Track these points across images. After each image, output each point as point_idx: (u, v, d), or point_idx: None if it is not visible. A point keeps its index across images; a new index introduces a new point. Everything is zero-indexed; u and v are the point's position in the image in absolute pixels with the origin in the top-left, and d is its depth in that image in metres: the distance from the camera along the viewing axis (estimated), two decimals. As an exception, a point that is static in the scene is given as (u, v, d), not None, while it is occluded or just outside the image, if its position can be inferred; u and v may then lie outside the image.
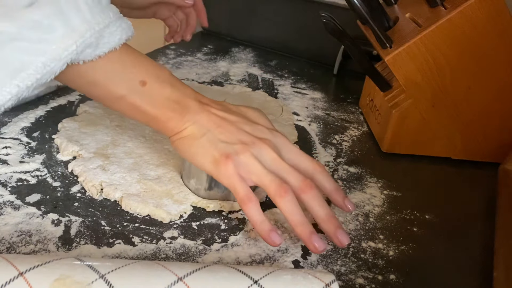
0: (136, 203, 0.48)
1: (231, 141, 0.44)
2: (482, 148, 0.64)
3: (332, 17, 0.61)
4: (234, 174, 0.43)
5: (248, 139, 0.45)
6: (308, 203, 0.44)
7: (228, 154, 0.43)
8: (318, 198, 0.44)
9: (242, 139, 0.45)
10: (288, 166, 0.45)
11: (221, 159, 0.43)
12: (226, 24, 1.04)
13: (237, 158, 0.43)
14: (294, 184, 0.44)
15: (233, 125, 0.46)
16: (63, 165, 0.53)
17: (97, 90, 0.44)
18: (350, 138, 0.68)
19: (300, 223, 0.43)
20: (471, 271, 0.46)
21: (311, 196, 0.44)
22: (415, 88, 0.60)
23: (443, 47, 0.58)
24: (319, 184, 0.47)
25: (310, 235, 0.43)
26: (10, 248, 0.41)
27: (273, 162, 0.45)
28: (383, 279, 0.43)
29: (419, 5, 0.63)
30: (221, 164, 0.43)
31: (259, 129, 0.47)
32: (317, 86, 0.84)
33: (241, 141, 0.45)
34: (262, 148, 0.45)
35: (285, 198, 0.43)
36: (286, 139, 0.48)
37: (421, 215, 0.53)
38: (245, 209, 0.43)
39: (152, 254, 0.43)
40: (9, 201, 0.46)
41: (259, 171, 0.43)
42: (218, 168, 0.44)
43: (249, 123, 0.47)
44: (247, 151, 0.44)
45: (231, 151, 0.44)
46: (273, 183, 0.43)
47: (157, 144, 0.58)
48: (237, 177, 0.43)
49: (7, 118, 0.60)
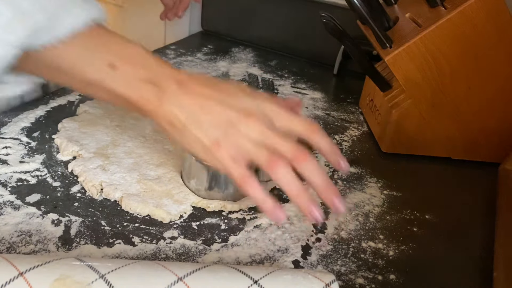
0: (136, 203, 0.48)
1: (218, 124, 0.43)
2: (482, 148, 0.64)
3: (332, 17, 0.61)
4: (227, 158, 0.42)
5: (234, 117, 0.43)
6: (303, 172, 0.42)
7: (218, 141, 0.42)
8: (313, 166, 0.43)
9: (228, 118, 0.43)
10: (278, 135, 0.43)
11: (212, 147, 0.42)
12: (226, 24, 1.04)
13: (227, 141, 0.42)
14: (287, 154, 0.42)
15: (217, 103, 0.44)
16: (63, 165, 0.53)
17: (65, 77, 0.43)
18: (350, 138, 0.68)
19: (297, 194, 0.41)
20: (471, 271, 0.46)
21: (305, 164, 0.42)
22: (415, 88, 0.60)
23: (443, 47, 0.58)
24: (315, 145, 0.45)
25: (308, 206, 0.41)
26: (10, 248, 0.41)
27: (262, 136, 0.43)
28: (383, 279, 0.43)
29: (419, 5, 0.63)
30: (213, 151, 0.43)
31: (243, 102, 0.44)
32: (317, 86, 0.84)
33: (228, 121, 0.43)
34: (249, 124, 0.43)
35: (277, 170, 0.41)
36: (274, 105, 0.45)
37: (421, 215, 0.53)
38: (244, 190, 0.42)
39: (152, 254, 0.43)
40: (9, 201, 0.46)
41: (249, 148, 0.42)
42: (210, 156, 0.43)
43: (233, 97, 0.45)
44: (235, 132, 0.43)
45: (220, 136, 0.43)
46: (263, 157, 0.42)
47: (157, 144, 0.58)
48: (231, 160, 0.42)
49: (7, 118, 0.60)
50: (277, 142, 0.43)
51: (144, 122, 0.63)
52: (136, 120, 0.63)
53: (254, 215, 0.49)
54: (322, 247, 0.46)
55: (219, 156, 0.42)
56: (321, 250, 0.46)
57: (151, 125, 0.62)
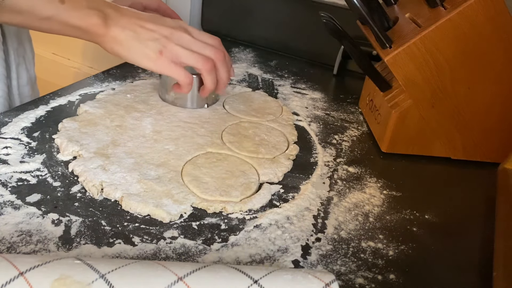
0: (136, 203, 0.48)
1: (155, 38, 0.55)
2: (482, 148, 0.64)
3: (332, 17, 0.61)
4: (170, 63, 0.56)
5: (167, 32, 0.56)
6: (219, 68, 0.60)
7: (159, 50, 0.55)
8: (226, 64, 0.61)
9: (162, 33, 0.56)
10: (201, 43, 0.58)
11: (155, 55, 0.55)
12: (226, 24, 1.04)
13: (166, 50, 0.55)
14: (211, 55, 0.58)
15: (150, 22, 0.56)
16: (63, 165, 0.53)
17: (24, 17, 0.52)
18: (349, 138, 0.68)
19: (214, 84, 0.61)
20: (471, 271, 0.46)
21: (222, 62, 0.60)
22: (415, 88, 0.60)
23: (443, 47, 0.58)
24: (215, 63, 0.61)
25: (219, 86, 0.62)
26: (11, 248, 0.41)
27: (191, 43, 0.57)
28: (382, 278, 0.43)
29: (419, 5, 0.63)
30: (156, 59, 0.55)
31: (167, 20, 0.58)
32: (317, 86, 0.84)
33: (163, 35, 0.56)
34: (179, 35, 0.57)
35: (210, 73, 0.59)
36: (187, 25, 0.60)
37: (421, 215, 0.53)
38: (184, 90, 0.59)
39: (152, 254, 0.43)
40: (9, 201, 0.47)
41: (185, 54, 0.56)
42: (155, 63, 0.55)
43: (161, 18, 0.58)
44: (171, 42, 0.56)
45: (160, 46, 0.55)
46: (199, 61, 0.57)
47: (157, 144, 0.58)
48: (173, 65, 0.56)
49: (7, 118, 0.60)
50: (202, 47, 0.58)
51: (144, 122, 0.63)
52: (136, 120, 0.63)
53: (254, 215, 0.49)
54: (322, 247, 0.46)
55: (163, 63, 0.55)
56: (321, 250, 0.46)
57: (151, 125, 0.62)
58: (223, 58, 0.60)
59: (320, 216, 0.50)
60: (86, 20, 0.53)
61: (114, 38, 0.55)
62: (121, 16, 0.55)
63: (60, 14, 0.52)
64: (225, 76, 0.61)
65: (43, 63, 1.29)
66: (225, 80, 0.62)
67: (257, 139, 0.62)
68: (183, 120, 0.65)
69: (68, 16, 0.53)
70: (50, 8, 0.52)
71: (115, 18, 0.55)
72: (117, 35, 0.54)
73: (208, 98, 0.69)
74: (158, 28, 0.56)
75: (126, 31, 0.55)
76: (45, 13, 0.52)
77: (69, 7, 0.52)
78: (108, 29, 0.54)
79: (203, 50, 0.58)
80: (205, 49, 0.58)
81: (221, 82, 0.62)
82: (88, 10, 0.53)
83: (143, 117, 0.64)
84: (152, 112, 0.66)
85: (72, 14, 0.53)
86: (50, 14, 0.52)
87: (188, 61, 0.57)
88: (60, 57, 1.28)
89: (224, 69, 0.61)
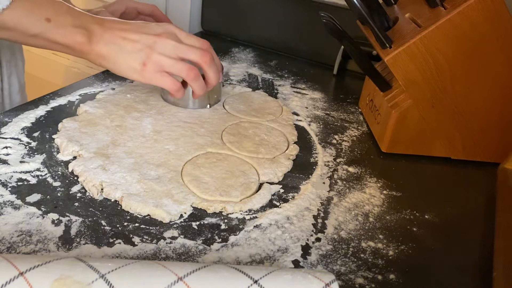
0: (136, 203, 0.48)
1: (139, 49, 0.56)
2: (482, 148, 0.64)
3: (332, 17, 0.61)
4: (155, 74, 0.56)
5: (150, 40, 0.56)
6: (207, 71, 0.59)
7: (143, 62, 0.55)
8: (213, 66, 0.60)
9: (146, 42, 0.56)
10: (187, 46, 0.58)
11: (140, 67, 0.55)
12: (226, 24, 1.04)
13: (149, 61, 0.56)
14: (196, 59, 0.58)
15: (133, 33, 0.56)
16: (63, 165, 0.53)
17: (11, 33, 0.53)
18: (349, 138, 0.68)
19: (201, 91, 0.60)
20: (471, 271, 0.46)
21: (209, 65, 0.59)
22: (415, 88, 0.60)
23: (443, 47, 0.58)
24: None
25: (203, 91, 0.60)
26: (10, 248, 0.41)
27: (176, 49, 0.57)
28: (382, 278, 0.43)
29: (419, 5, 0.63)
30: (142, 71, 0.56)
31: (153, 27, 0.58)
32: (317, 86, 0.84)
33: (146, 45, 0.56)
34: (163, 42, 0.56)
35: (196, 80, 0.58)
36: (174, 26, 0.59)
37: (421, 215, 0.53)
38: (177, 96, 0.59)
39: (152, 254, 0.43)
40: (9, 201, 0.47)
41: (169, 63, 0.56)
42: (141, 75, 0.56)
43: (144, 25, 0.58)
44: (154, 52, 0.56)
45: (144, 58, 0.55)
46: (183, 70, 0.57)
47: (158, 144, 0.58)
48: (158, 75, 0.56)
49: (7, 118, 0.60)
50: (187, 52, 0.57)
51: (144, 122, 0.63)
52: (136, 120, 0.63)
53: (254, 215, 0.49)
54: (322, 247, 0.46)
55: (148, 74, 0.56)
56: (321, 250, 0.46)
57: (151, 125, 0.62)
58: (209, 60, 0.59)
59: (320, 216, 0.50)
60: (71, 38, 0.54)
61: (99, 54, 0.56)
62: (105, 31, 0.56)
63: (47, 32, 0.53)
64: (213, 78, 0.60)
65: (43, 63, 1.29)
66: (213, 81, 0.61)
67: (257, 139, 0.62)
68: (183, 120, 0.65)
69: (54, 34, 0.54)
70: (37, 26, 0.53)
71: (98, 35, 0.55)
72: (101, 50, 0.55)
73: (210, 99, 0.69)
74: (142, 38, 0.56)
75: (110, 45, 0.55)
76: (32, 31, 0.53)
77: (55, 25, 0.53)
78: (92, 46, 0.55)
79: (188, 54, 0.58)
80: (190, 52, 0.58)
81: (209, 84, 0.61)
82: (73, 28, 0.54)
83: (143, 117, 0.64)
84: (152, 112, 0.66)
85: (58, 32, 0.54)
86: (36, 32, 0.53)
87: (172, 70, 0.57)
88: (60, 57, 1.28)
89: (211, 71, 0.60)
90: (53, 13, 0.54)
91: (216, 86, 0.64)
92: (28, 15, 0.52)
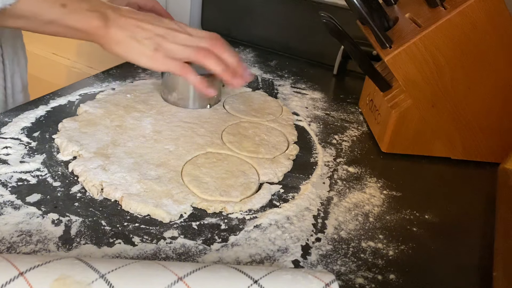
0: (136, 203, 0.48)
1: (151, 36, 0.57)
2: (482, 148, 0.64)
3: (332, 17, 0.61)
4: (166, 59, 0.57)
5: (162, 31, 0.58)
6: (222, 54, 0.59)
7: (156, 48, 0.57)
8: (227, 49, 0.60)
9: (158, 32, 0.57)
10: (197, 37, 0.59)
11: (152, 53, 0.56)
12: (226, 24, 1.04)
13: (162, 48, 0.57)
14: (207, 46, 0.59)
15: (147, 23, 0.57)
16: (63, 165, 0.53)
17: (29, 22, 0.54)
18: (349, 138, 0.68)
19: (223, 69, 0.58)
20: (471, 271, 0.46)
21: (222, 48, 0.59)
22: (415, 88, 0.60)
23: (443, 47, 0.58)
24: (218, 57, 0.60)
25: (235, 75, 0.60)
26: (11, 248, 0.41)
27: (187, 40, 0.58)
28: (382, 278, 0.43)
29: (419, 5, 0.63)
30: (153, 57, 0.57)
31: (165, 22, 0.60)
32: (317, 86, 0.84)
33: (158, 34, 0.57)
34: (174, 34, 0.58)
35: (208, 57, 0.58)
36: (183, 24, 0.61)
37: (421, 215, 0.53)
38: (187, 78, 0.58)
39: (152, 254, 0.43)
40: (9, 201, 0.47)
41: (181, 50, 0.58)
42: (152, 61, 0.57)
43: (157, 18, 0.59)
44: (166, 40, 0.57)
45: (155, 45, 0.57)
46: (193, 52, 0.58)
47: (157, 144, 0.58)
48: (169, 60, 0.57)
49: (8, 118, 0.60)
50: (197, 41, 0.59)
51: (144, 122, 0.63)
52: (136, 120, 0.63)
53: (254, 215, 0.49)
54: (322, 247, 0.46)
55: (159, 59, 0.57)
56: (321, 250, 0.46)
57: (151, 125, 0.62)
58: (221, 44, 0.60)
59: (320, 216, 0.50)
60: (87, 22, 0.55)
61: (113, 38, 0.56)
62: (120, 17, 0.57)
63: (63, 17, 0.54)
64: (232, 59, 0.60)
65: (43, 63, 1.29)
66: (234, 63, 0.60)
67: (257, 139, 0.62)
68: (183, 120, 0.65)
69: (70, 19, 0.54)
70: (53, 12, 0.53)
71: (114, 19, 0.56)
72: (116, 35, 0.56)
73: (210, 99, 0.69)
74: (154, 28, 0.57)
75: (124, 31, 0.56)
76: (48, 17, 0.53)
77: (71, 10, 0.54)
78: (108, 30, 0.56)
79: (198, 43, 0.59)
80: (200, 41, 0.59)
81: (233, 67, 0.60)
82: (88, 12, 0.55)
83: (143, 117, 0.64)
84: (152, 112, 0.66)
85: (74, 17, 0.54)
86: (52, 18, 0.53)
87: (183, 54, 0.58)
88: (60, 57, 1.28)
89: (227, 54, 0.59)
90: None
91: (217, 85, 0.64)
92: (44, 1, 0.53)
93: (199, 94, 0.67)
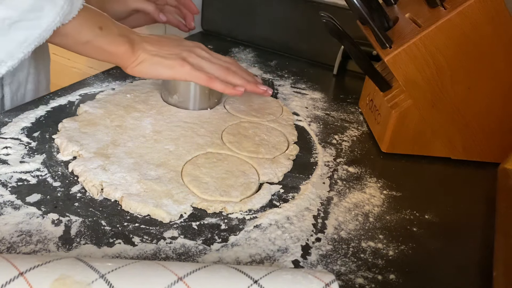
0: (136, 203, 0.48)
1: (177, 53, 0.61)
2: (482, 148, 0.64)
3: (332, 17, 0.61)
4: (191, 69, 0.60)
5: (185, 50, 0.62)
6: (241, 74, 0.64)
7: (182, 60, 0.60)
8: (244, 70, 0.67)
9: (183, 50, 0.62)
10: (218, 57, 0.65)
11: (178, 63, 0.60)
12: (226, 24, 1.04)
13: (189, 61, 0.61)
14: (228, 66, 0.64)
15: (171, 45, 0.62)
16: (63, 165, 0.53)
17: (68, 39, 0.56)
18: (349, 138, 0.68)
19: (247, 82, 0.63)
20: (471, 271, 0.46)
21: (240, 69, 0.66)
22: (415, 88, 0.60)
23: (443, 47, 0.58)
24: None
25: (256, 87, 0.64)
26: (11, 248, 0.41)
27: (210, 58, 0.63)
28: (382, 279, 0.43)
29: (419, 5, 0.63)
30: (179, 66, 0.60)
31: (188, 44, 0.64)
32: (317, 86, 0.84)
33: (183, 51, 0.62)
34: (198, 52, 0.63)
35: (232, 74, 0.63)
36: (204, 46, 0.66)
37: (420, 215, 0.53)
38: (213, 86, 0.61)
39: (152, 254, 0.43)
40: (9, 201, 0.47)
41: (207, 65, 0.62)
42: (178, 70, 0.60)
43: (179, 41, 0.64)
44: (192, 55, 0.62)
45: (182, 58, 0.60)
46: (219, 69, 0.62)
47: (158, 144, 0.58)
48: (194, 70, 0.60)
49: (7, 118, 0.60)
50: (219, 61, 0.64)
51: (144, 122, 0.63)
52: (136, 120, 0.63)
53: (254, 215, 0.49)
54: (322, 247, 0.46)
55: (184, 68, 0.60)
56: (321, 250, 0.46)
57: (151, 125, 0.62)
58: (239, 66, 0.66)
59: (320, 216, 0.50)
60: (117, 46, 0.58)
61: (138, 59, 0.59)
62: (144, 41, 0.60)
63: (98, 39, 0.57)
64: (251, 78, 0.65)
65: (43, 63, 1.29)
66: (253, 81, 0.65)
67: (257, 139, 0.62)
68: (183, 120, 0.65)
69: (103, 42, 0.57)
70: (90, 34, 0.56)
71: (139, 43, 0.60)
72: (140, 56, 0.60)
73: (211, 101, 0.69)
74: (177, 48, 0.62)
75: (149, 51, 0.60)
76: (85, 38, 0.56)
77: (105, 33, 0.57)
78: (134, 54, 0.59)
79: (220, 62, 0.64)
80: (220, 61, 0.64)
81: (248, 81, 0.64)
82: (119, 37, 0.58)
83: (143, 117, 0.64)
84: (152, 112, 0.66)
85: (106, 39, 0.58)
86: (89, 39, 0.56)
87: (209, 70, 0.62)
88: (60, 57, 1.28)
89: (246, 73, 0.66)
90: (103, 23, 0.58)
91: None
92: (86, 23, 0.56)
93: (200, 97, 0.67)
